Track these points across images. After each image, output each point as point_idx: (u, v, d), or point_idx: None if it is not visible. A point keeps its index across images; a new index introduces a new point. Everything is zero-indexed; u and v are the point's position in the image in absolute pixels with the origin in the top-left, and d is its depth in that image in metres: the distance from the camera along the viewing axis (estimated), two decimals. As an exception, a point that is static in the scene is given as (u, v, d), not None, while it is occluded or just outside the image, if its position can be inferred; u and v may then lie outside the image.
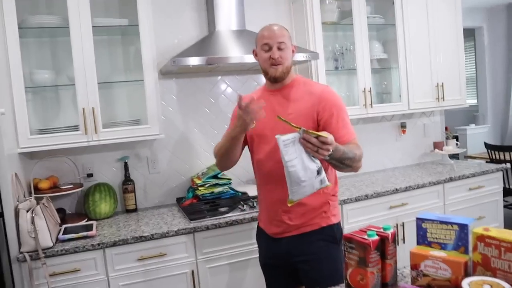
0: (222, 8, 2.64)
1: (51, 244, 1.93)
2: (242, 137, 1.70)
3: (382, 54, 3.10)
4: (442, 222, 1.15)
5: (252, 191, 2.65)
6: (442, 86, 3.16)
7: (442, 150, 3.42)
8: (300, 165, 1.40)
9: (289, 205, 1.46)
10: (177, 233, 2.11)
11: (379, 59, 3.11)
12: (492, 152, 4.33)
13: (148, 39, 2.34)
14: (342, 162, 1.54)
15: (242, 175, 2.92)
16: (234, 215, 2.26)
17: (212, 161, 2.82)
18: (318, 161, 1.44)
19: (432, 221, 1.17)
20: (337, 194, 1.80)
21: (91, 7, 2.21)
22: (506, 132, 6.47)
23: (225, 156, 1.80)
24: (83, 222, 2.27)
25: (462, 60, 3.29)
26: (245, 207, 2.35)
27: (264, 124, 1.69)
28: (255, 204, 2.38)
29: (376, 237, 1.13)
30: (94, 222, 2.23)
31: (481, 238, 1.04)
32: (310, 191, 1.45)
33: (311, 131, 1.38)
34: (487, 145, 4.39)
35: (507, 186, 4.01)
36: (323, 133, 1.39)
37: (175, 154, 2.76)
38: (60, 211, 2.36)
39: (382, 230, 1.17)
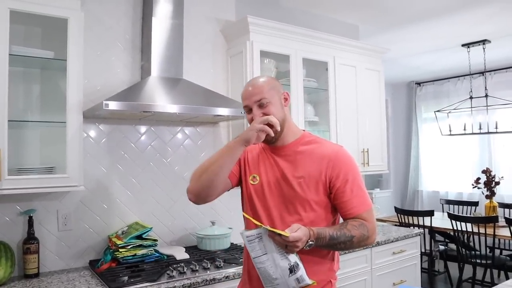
0: (159, 54, 2.48)
1: None
2: (238, 153, 1.48)
3: (314, 117, 3.16)
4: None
5: (179, 254, 2.38)
6: (368, 151, 3.29)
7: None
8: (270, 262, 1.29)
9: None
10: (94, 307, 1.75)
11: (311, 121, 3.16)
12: (401, 216, 4.58)
13: (76, 77, 2.07)
14: (334, 247, 1.42)
15: (166, 236, 2.64)
16: (163, 283, 1.96)
17: (134, 218, 2.52)
18: (293, 258, 1.31)
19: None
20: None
21: (10, 32, 1.90)
22: (406, 197, 7.00)
23: (209, 173, 1.49)
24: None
25: (384, 129, 3.50)
26: (174, 273, 2.07)
27: (265, 183, 1.54)
28: (185, 270, 2.11)
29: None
30: (-18, 293, 1.77)
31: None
32: None
33: (272, 229, 1.28)
34: (397, 209, 4.64)
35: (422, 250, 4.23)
36: (286, 231, 1.28)
37: (91, 208, 2.40)
38: None
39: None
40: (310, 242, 1.34)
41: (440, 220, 4.67)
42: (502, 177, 4.67)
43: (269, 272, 1.29)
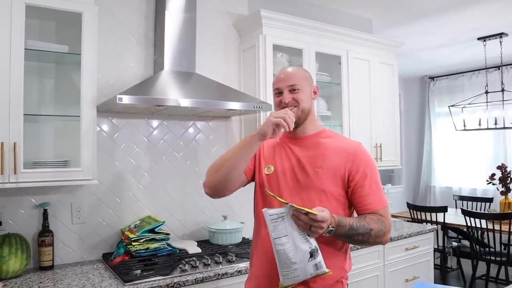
0: (171, 48, 2.47)
1: None
2: (255, 148, 1.48)
3: (326, 111, 3.14)
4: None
5: (191, 248, 2.39)
6: (380, 146, 3.26)
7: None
8: (291, 244, 1.25)
9: None
10: (108, 299, 1.77)
11: (323, 115, 3.13)
12: (414, 212, 4.53)
13: (90, 71, 2.08)
14: (352, 238, 1.40)
15: (178, 230, 2.65)
16: (175, 276, 1.97)
17: (146, 212, 2.54)
18: (314, 242, 1.28)
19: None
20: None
21: (25, 26, 1.91)
22: (418, 192, 6.93)
23: (225, 167, 1.49)
24: (-16, 284, 1.83)
25: (397, 124, 3.46)
26: (187, 267, 2.08)
27: (279, 172, 1.54)
28: (197, 264, 2.12)
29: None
30: (-1, 284, 1.80)
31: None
32: (303, 277, 1.28)
33: (300, 207, 1.24)
34: (409, 205, 4.60)
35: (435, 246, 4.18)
36: (314, 210, 1.25)
37: (104, 202, 2.41)
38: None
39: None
40: (331, 228, 1.33)
41: (453, 216, 4.61)
42: (517, 173, 4.59)
43: (289, 255, 1.25)
